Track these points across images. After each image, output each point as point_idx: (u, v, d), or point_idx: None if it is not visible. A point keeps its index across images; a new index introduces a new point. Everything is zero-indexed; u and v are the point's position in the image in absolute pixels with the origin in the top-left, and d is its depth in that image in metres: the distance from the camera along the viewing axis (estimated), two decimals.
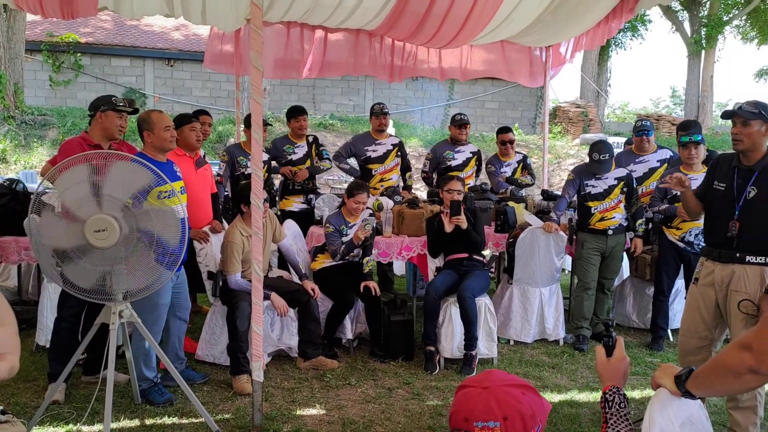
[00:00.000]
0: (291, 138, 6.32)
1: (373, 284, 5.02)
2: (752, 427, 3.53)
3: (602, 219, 5.31)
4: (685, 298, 5.60)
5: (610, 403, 1.75)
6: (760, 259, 3.42)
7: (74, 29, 16.79)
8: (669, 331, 5.62)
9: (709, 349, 3.68)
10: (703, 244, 5.40)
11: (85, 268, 3.20)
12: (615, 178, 5.33)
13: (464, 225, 4.97)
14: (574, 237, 5.52)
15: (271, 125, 14.95)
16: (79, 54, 16.86)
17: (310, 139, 6.37)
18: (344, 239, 5.07)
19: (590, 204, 5.34)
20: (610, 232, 5.31)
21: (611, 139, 13.47)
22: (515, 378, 1.58)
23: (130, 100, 4.14)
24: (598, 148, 5.32)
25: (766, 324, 1.44)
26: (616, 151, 5.83)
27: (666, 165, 5.66)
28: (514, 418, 1.49)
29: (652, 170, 5.72)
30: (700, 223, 4.62)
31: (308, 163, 6.27)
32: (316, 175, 6.48)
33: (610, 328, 1.94)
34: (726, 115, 3.50)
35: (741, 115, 3.40)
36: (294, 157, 6.24)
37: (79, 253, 3.18)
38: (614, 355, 1.86)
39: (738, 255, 3.46)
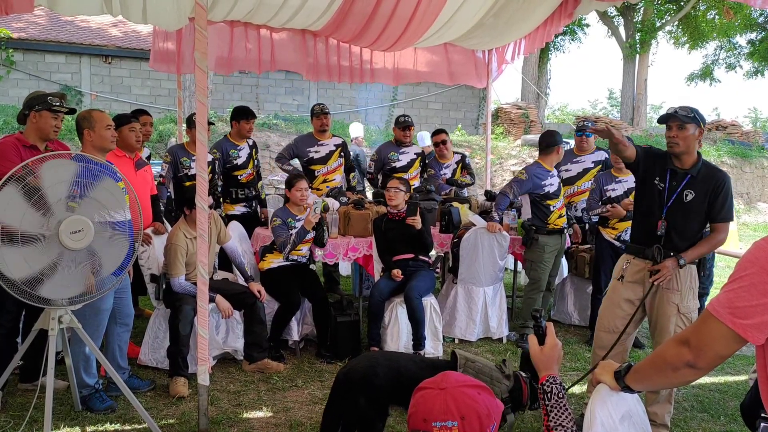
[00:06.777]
0: (231, 139, 6.06)
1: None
2: (667, 415, 3.74)
3: (560, 216, 5.44)
4: None
5: (549, 394, 1.80)
6: None
7: (5, 24, 16.12)
8: None
9: (624, 345, 3.76)
10: None
11: (29, 255, 3.04)
12: (557, 177, 5.52)
13: (419, 225, 5.02)
14: (534, 239, 5.41)
15: (214, 124, 14.71)
16: (10, 50, 16.22)
17: (250, 142, 6.18)
18: (292, 233, 5.01)
19: (549, 202, 5.38)
20: (566, 230, 5.48)
21: None
22: (470, 379, 1.63)
23: (62, 95, 3.98)
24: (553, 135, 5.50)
25: (703, 320, 1.51)
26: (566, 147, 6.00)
27: (600, 167, 5.83)
28: (471, 418, 1.53)
29: (586, 170, 5.88)
30: None
31: (251, 164, 6.12)
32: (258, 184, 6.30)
33: (540, 318, 2.00)
34: (663, 119, 3.54)
35: (678, 119, 3.46)
36: (239, 161, 6.04)
37: (31, 240, 3.04)
38: (546, 342, 1.92)
39: (672, 255, 3.55)
